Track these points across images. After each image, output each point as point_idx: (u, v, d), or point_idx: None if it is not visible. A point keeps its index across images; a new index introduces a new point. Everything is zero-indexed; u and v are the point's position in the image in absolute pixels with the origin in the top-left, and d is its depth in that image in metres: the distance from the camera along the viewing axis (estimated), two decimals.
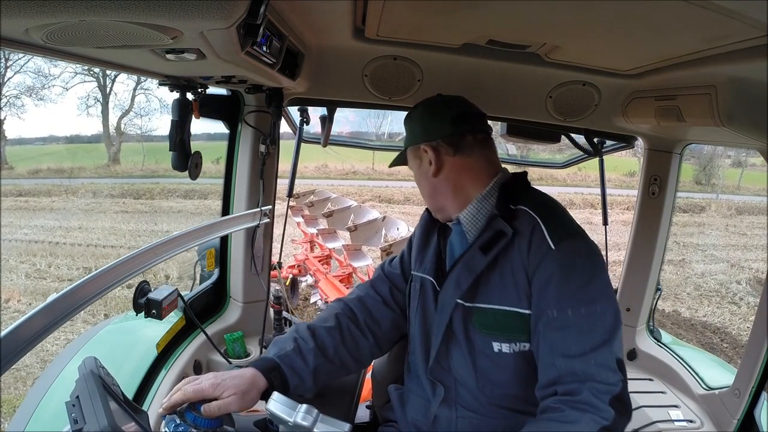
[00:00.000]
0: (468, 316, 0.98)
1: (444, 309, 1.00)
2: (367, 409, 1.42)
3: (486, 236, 0.97)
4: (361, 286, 1.21)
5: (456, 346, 1.00)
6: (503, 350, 0.95)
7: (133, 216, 10.51)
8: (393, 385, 1.19)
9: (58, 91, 16.79)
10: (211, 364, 1.57)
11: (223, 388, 0.86)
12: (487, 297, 0.96)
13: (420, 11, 1.02)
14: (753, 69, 0.92)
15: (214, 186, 10.99)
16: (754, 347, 1.33)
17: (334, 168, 16.48)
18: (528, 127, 1.65)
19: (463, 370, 1.00)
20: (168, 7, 0.60)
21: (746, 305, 6.94)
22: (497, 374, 0.97)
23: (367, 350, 1.12)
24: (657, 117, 1.30)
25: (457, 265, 1.00)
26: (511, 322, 0.94)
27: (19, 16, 0.58)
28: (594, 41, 1.10)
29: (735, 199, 14.27)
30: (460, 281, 0.98)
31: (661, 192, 1.74)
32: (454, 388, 1.01)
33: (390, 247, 4.40)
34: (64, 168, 14.21)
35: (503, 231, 0.94)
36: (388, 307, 1.15)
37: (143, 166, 15.28)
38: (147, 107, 17.62)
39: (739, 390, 1.37)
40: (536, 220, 0.94)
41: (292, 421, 0.74)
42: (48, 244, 8.19)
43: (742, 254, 9.58)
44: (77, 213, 10.50)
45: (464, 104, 1.11)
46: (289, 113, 1.74)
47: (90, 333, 1.51)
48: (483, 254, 0.95)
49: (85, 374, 0.71)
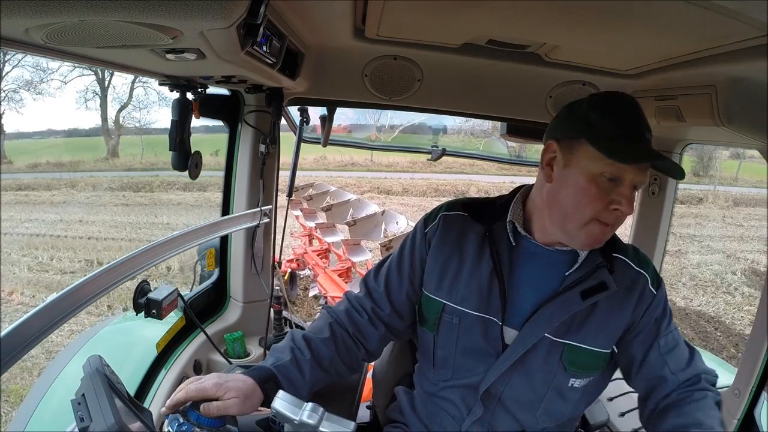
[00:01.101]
0: (554, 351, 0.92)
1: (521, 344, 0.92)
2: (368, 409, 1.42)
3: (589, 284, 0.91)
4: (348, 297, 1.12)
5: (523, 377, 0.94)
6: (575, 385, 0.95)
7: (133, 209, 10.43)
8: (401, 387, 1.17)
9: (57, 85, 16.92)
10: (211, 363, 1.58)
11: (226, 389, 0.85)
12: (582, 336, 0.92)
13: (420, 11, 1.02)
14: (753, 69, 0.92)
15: (213, 179, 11.28)
16: (754, 347, 1.33)
17: (333, 160, 16.39)
18: (528, 126, 1.65)
19: (523, 399, 0.95)
20: (168, 7, 0.60)
21: (741, 295, 6.99)
22: (561, 407, 0.96)
23: (360, 359, 1.08)
24: (657, 117, 1.30)
25: (550, 305, 0.91)
26: (596, 362, 0.94)
27: (19, 16, 0.58)
28: (594, 41, 1.10)
29: (732, 190, 14.33)
30: (552, 319, 0.91)
31: (661, 192, 1.74)
32: (493, 409, 0.97)
33: (390, 242, 4.34)
34: (63, 162, 14.13)
35: (606, 284, 0.91)
36: (373, 326, 1.06)
37: (142, 159, 15.22)
38: (145, 100, 17.64)
39: (739, 390, 1.37)
40: (640, 273, 0.95)
41: (298, 420, 0.74)
42: (50, 238, 8.15)
43: (738, 245, 9.64)
44: (78, 206, 10.44)
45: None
46: (289, 113, 1.74)
47: (90, 333, 1.51)
48: (581, 300, 0.91)
49: (90, 372, 0.71)
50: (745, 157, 16.92)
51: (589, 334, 0.92)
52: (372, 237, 5.28)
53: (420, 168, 15.36)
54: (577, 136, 0.85)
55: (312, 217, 5.93)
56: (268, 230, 1.76)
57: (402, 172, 14.96)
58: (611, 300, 0.92)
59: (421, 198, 12.83)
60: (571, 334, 0.92)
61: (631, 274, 0.95)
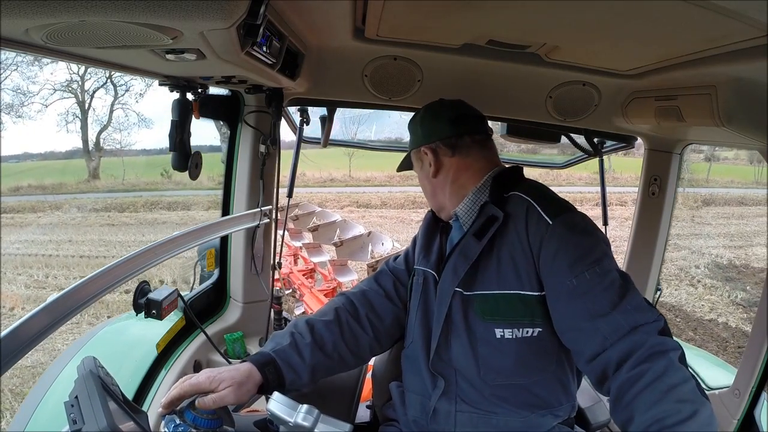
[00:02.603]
0: (467, 304, 0.99)
1: (443, 298, 1.01)
2: (368, 408, 1.42)
3: (479, 223, 1.00)
4: (365, 281, 1.22)
5: (456, 337, 1.00)
6: (506, 336, 0.95)
7: (120, 228, 10.85)
8: (394, 383, 1.19)
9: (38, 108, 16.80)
10: (211, 364, 1.57)
11: (219, 381, 0.86)
12: (487, 284, 0.97)
13: (420, 11, 1.02)
14: (753, 69, 0.92)
15: (196, 198, 11.84)
16: (754, 347, 1.33)
17: (312, 176, 16.98)
18: (528, 127, 1.65)
19: (464, 360, 0.99)
20: (168, 7, 0.60)
21: (703, 286, 7.62)
22: (499, 361, 0.96)
23: (367, 345, 1.11)
24: (657, 117, 1.30)
25: (453, 254, 1.02)
26: (514, 306, 0.95)
27: (19, 16, 0.58)
28: (594, 41, 1.10)
29: (702, 191, 15.01)
30: (457, 269, 0.99)
31: (661, 192, 1.75)
32: (455, 381, 1.01)
33: (376, 263, 4.40)
34: (45, 185, 14.42)
35: (494, 215, 0.97)
36: (391, 302, 1.15)
37: (123, 180, 15.55)
38: (126, 122, 17.88)
39: (739, 390, 1.37)
40: (529, 201, 0.97)
41: (293, 422, 0.74)
42: (42, 257, 8.41)
43: (704, 242, 10.29)
44: (64, 227, 10.81)
45: (463, 107, 1.15)
46: (289, 113, 1.74)
47: (90, 333, 1.51)
48: (477, 240, 0.98)
49: (84, 374, 0.70)
50: (720, 159, 17.53)
51: (493, 279, 0.97)
52: (358, 257, 5.39)
53: (398, 181, 16.07)
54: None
55: (298, 237, 6.06)
56: (268, 231, 1.76)
57: (380, 186, 15.56)
58: (510, 237, 0.96)
59: (399, 210, 13.42)
60: (478, 284, 0.98)
61: (524, 202, 0.98)
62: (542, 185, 1.05)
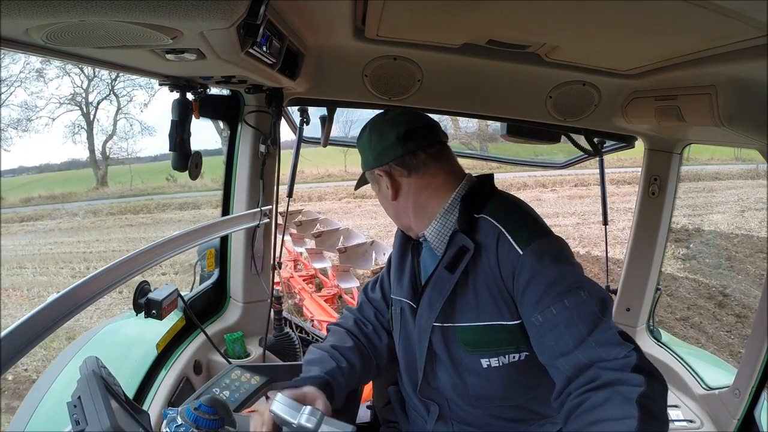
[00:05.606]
0: (448, 336, 0.96)
1: (422, 333, 0.99)
2: (368, 409, 1.42)
3: (450, 254, 0.94)
4: (352, 311, 1.23)
5: (442, 367, 0.99)
6: (492, 365, 0.93)
7: (138, 228, 11.79)
8: (393, 387, 1.19)
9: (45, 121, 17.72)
10: (211, 364, 1.57)
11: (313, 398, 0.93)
12: (467, 315, 0.94)
13: (420, 11, 1.02)
14: (753, 69, 0.92)
15: (205, 198, 12.70)
16: (754, 347, 1.33)
17: (309, 173, 17.76)
18: (528, 127, 1.65)
19: (453, 389, 0.98)
20: (168, 7, 0.60)
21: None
22: (490, 389, 0.95)
23: (374, 366, 1.15)
24: (657, 117, 1.30)
25: (427, 288, 0.98)
26: (497, 336, 0.92)
27: (19, 16, 0.58)
28: (594, 41, 1.10)
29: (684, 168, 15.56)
30: (432, 304, 0.96)
31: (661, 192, 1.74)
32: (447, 406, 1.01)
33: (380, 269, 4.47)
34: (55, 194, 15.19)
35: (465, 246, 0.92)
36: (377, 333, 1.17)
37: (131, 186, 16.30)
38: (130, 131, 18.61)
39: (739, 390, 1.37)
40: (499, 230, 0.91)
41: (297, 423, 0.74)
42: (77, 253, 9.38)
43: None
44: (87, 230, 11.74)
45: (410, 119, 1.06)
46: (289, 113, 1.74)
47: (90, 333, 1.51)
48: (450, 273, 0.93)
49: (86, 374, 0.70)
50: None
51: (472, 309, 0.93)
52: (361, 264, 5.47)
53: None
54: None
55: (300, 243, 6.20)
56: (268, 230, 1.75)
57: None
58: (482, 266, 0.92)
59: None
60: (458, 314, 0.95)
61: (495, 231, 0.92)
62: (514, 201, 1.00)
